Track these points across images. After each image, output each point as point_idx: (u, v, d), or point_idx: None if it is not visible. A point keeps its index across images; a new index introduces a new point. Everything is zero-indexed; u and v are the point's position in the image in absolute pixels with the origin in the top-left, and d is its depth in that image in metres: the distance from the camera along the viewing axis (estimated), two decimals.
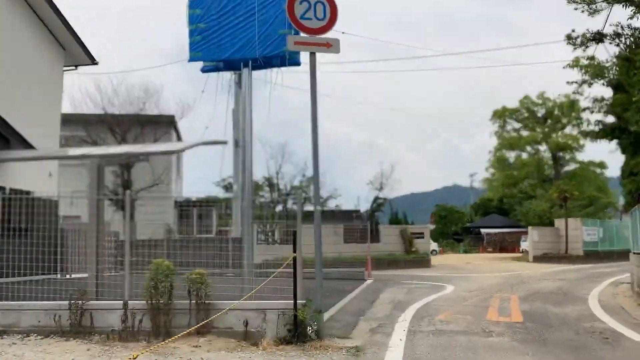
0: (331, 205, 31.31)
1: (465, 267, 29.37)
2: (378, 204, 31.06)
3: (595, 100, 14.87)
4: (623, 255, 33.79)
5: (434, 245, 59.64)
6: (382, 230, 28.47)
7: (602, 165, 42.54)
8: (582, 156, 43.47)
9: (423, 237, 29.38)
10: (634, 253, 15.14)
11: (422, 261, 27.26)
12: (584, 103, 16.69)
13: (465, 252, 66.17)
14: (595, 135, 14.04)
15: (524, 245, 57.43)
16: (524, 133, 43.92)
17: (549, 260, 32.14)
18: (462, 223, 76.30)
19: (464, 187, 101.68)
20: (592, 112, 15.77)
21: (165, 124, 29.15)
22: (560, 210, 39.63)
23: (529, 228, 34.28)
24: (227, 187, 29.45)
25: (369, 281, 18.91)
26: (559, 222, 34.72)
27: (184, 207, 31.67)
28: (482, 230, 70.98)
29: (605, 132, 15.89)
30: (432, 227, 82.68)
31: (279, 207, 29.52)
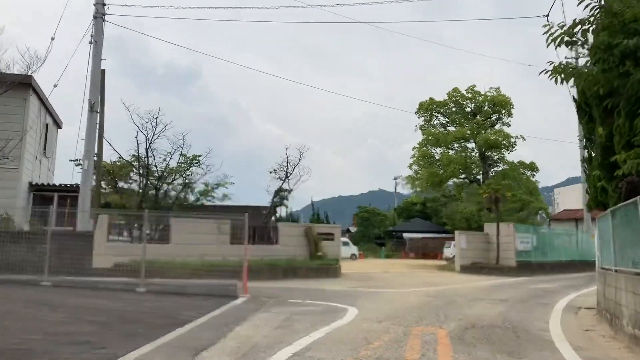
0: (219, 194, 24.91)
1: (382, 277, 24.24)
2: (281, 197, 25.34)
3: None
4: (556, 267, 30.15)
5: (354, 249, 55.03)
6: (281, 229, 22.82)
7: (532, 167, 38.72)
8: (511, 157, 39.53)
9: (333, 239, 24.01)
10: (610, 270, 10.29)
11: (330, 269, 21.83)
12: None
13: (387, 257, 62.09)
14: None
15: (448, 252, 53.76)
16: (451, 129, 39.53)
17: (478, 271, 27.59)
18: (385, 226, 72.28)
19: (390, 192, 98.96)
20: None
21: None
22: (489, 214, 35.48)
23: (456, 233, 29.68)
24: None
25: (239, 300, 13.26)
26: (489, 227, 30.34)
27: (40, 192, 25.06)
28: (405, 235, 67.06)
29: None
30: (354, 229, 78.63)
31: (153, 194, 23.12)
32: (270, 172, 25.80)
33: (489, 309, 12.83)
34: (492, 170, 38.93)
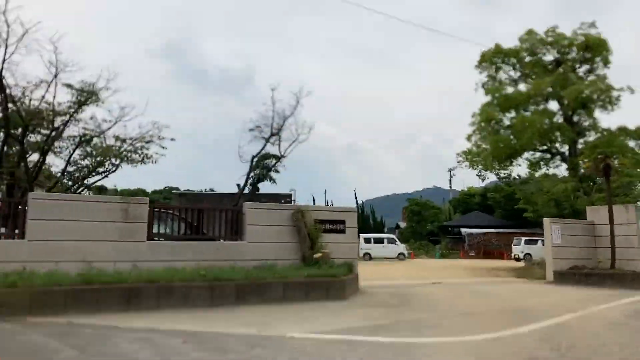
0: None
1: (431, 295, 13.97)
2: (265, 167, 15.40)
3: None
4: None
5: (401, 248, 44.56)
6: (249, 214, 12.81)
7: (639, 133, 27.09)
8: (608, 121, 28.13)
9: (344, 231, 13.84)
10: None
11: (332, 285, 11.81)
12: None
13: (443, 256, 51.34)
14: None
15: (518, 250, 42.57)
16: (522, 88, 28.47)
17: (583, 280, 16.95)
18: (439, 221, 61.34)
19: (445, 190, 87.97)
20: None
21: None
22: (585, 197, 24.42)
23: (546, 221, 18.88)
24: None
25: None
26: (594, 213, 19.49)
27: None
28: (463, 230, 56.05)
29: None
30: (403, 225, 67.89)
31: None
32: (251, 130, 16.06)
33: None
34: (582, 140, 27.60)
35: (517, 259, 41.05)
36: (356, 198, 60.60)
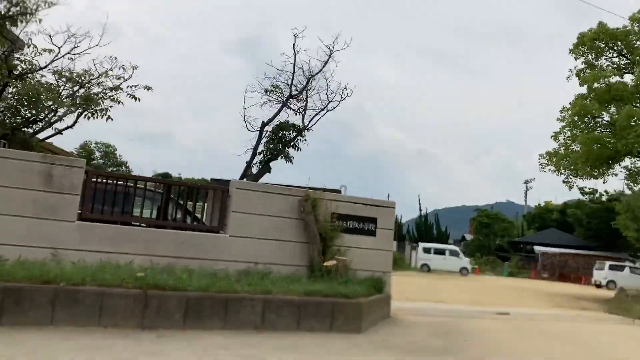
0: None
1: (495, 335, 9.66)
2: (280, 141, 11.45)
3: None
4: None
5: (465, 262, 39.77)
6: (236, 196, 8.89)
7: None
8: None
9: (373, 234, 9.72)
10: None
11: (343, 308, 7.74)
12: None
13: (511, 274, 45.96)
14: None
15: (600, 275, 36.85)
16: (629, 79, 23.05)
17: None
18: (510, 236, 55.53)
19: (519, 205, 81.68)
20: None
21: None
22: None
23: None
24: None
25: None
26: None
27: None
28: (537, 249, 50.17)
29: None
30: (470, 237, 62.24)
31: None
32: (267, 92, 12.23)
33: None
34: None
35: (598, 286, 35.57)
36: (420, 205, 55.72)
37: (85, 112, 9.15)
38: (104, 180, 8.59)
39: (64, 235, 7.70)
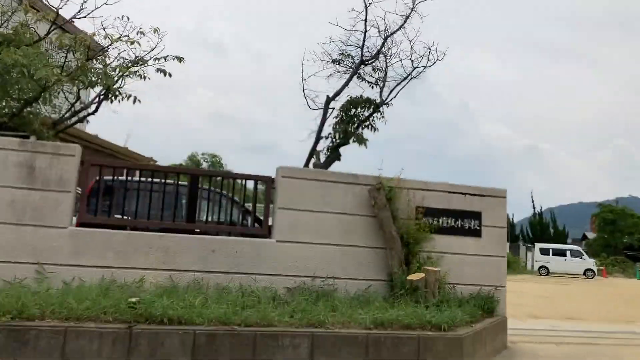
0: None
1: None
2: (350, 119, 8.93)
3: None
4: None
5: (589, 263, 34.95)
6: (282, 185, 6.60)
7: None
8: None
9: (477, 234, 6.98)
10: None
11: (435, 345, 5.10)
12: None
13: None
14: None
15: None
16: None
17: None
18: None
19: None
20: None
21: None
22: None
23: None
24: None
25: None
26: None
27: None
28: None
29: None
30: (592, 235, 55.69)
31: None
32: (335, 62, 9.82)
33: None
34: None
35: None
36: (533, 202, 50.69)
37: (106, 92, 7.23)
38: (111, 173, 6.61)
39: (52, 245, 5.76)
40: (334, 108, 9.67)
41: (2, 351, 4.20)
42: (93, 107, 8.42)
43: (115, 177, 6.62)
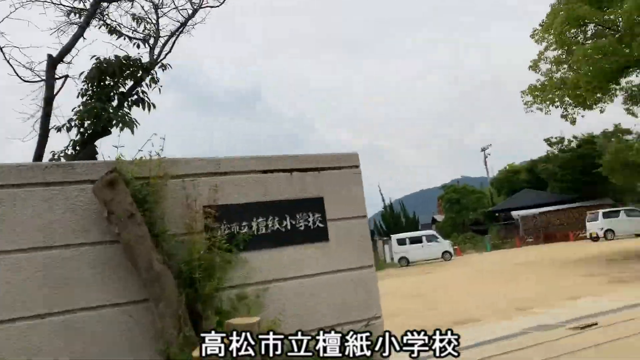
0: None
1: None
2: (117, 88, 5.40)
3: None
4: None
5: (446, 245, 34.60)
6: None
7: None
8: None
9: (324, 238, 3.98)
10: None
11: None
12: None
13: (495, 247, 41.24)
14: None
15: (594, 227, 32.46)
16: None
17: None
18: (484, 208, 50.92)
19: (475, 178, 77.71)
20: None
21: None
22: None
23: None
24: None
25: None
26: None
27: None
28: (514, 214, 45.75)
29: None
30: (440, 218, 57.41)
31: None
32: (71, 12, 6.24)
33: None
34: None
35: (595, 239, 31.16)
36: (382, 195, 50.57)
37: None
38: None
39: None
40: (67, 75, 6.06)
41: None
42: None
43: None
